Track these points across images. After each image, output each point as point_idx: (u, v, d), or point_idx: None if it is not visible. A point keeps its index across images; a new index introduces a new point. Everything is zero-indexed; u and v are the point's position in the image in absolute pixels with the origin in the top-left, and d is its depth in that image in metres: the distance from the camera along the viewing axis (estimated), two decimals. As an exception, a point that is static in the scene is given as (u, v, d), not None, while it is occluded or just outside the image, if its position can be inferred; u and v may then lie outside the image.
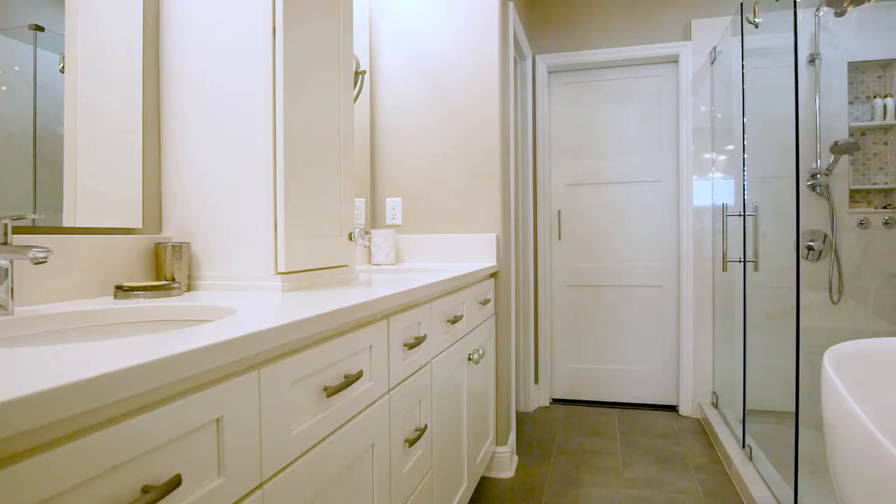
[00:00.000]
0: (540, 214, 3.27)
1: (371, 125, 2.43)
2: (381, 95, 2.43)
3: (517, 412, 3.17)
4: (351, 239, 1.51)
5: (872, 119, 2.89)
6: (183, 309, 0.99)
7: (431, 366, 1.45)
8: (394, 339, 1.20)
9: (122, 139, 1.18)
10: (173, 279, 1.21)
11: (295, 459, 0.81)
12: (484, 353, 1.96)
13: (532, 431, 2.86)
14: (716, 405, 2.97)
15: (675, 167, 3.19)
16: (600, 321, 3.30)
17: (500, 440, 2.32)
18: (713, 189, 3.04)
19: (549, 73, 3.35)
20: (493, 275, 2.30)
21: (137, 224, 1.22)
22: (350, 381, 0.95)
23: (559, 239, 3.34)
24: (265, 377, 0.74)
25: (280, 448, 0.77)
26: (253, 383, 0.72)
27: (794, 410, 1.81)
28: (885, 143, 2.90)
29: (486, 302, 2.07)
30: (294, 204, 1.25)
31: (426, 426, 1.37)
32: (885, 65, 2.90)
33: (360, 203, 2.37)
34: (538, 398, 3.27)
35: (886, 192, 2.88)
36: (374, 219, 2.46)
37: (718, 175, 3.00)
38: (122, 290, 1.08)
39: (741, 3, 2.48)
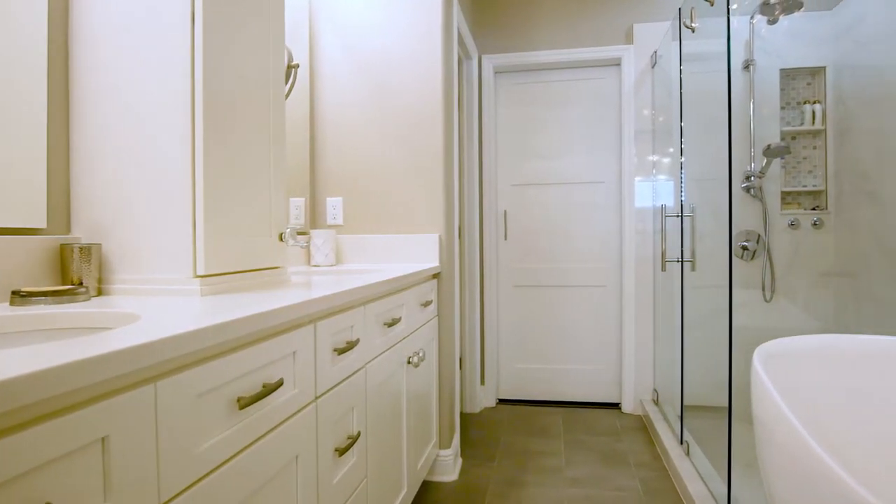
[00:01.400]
0: (486, 214, 3.27)
1: (311, 123, 2.36)
2: (321, 92, 2.36)
3: (463, 414, 3.15)
4: (282, 240, 1.45)
5: (802, 124, 3.01)
6: (83, 316, 0.91)
7: (366, 370, 1.41)
8: (322, 344, 1.15)
9: (22, 127, 1.08)
10: (80, 283, 1.12)
11: (202, 477, 0.76)
12: (425, 355, 1.92)
13: (477, 433, 2.85)
14: (657, 402, 3.03)
15: (618, 169, 3.24)
16: (546, 321, 3.32)
17: (444, 443, 2.29)
18: (654, 190, 3.10)
19: (496, 73, 3.35)
20: (436, 275, 2.27)
21: (41, 223, 1.12)
22: (269, 390, 0.90)
23: (505, 239, 3.34)
24: (163, 390, 0.68)
25: (183, 466, 0.71)
26: (147, 397, 0.66)
27: (728, 406, 1.85)
28: (814, 148, 3.02)
29: (427, 303, 2.04)
30: (217, 202, 1.18)
31: (359, 433, 1.32)
32: (813, 72, 3.02)
33: (300, 202, 2.30)
34: (484, 399, 3.26)
35: (815, 194, 3.00)
36: (315, 219, 2.39)
37: (659, 177, 3.07)
38: (18, 296, 0.99)
39: (679, 9, 2.53)
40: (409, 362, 1.80)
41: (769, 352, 1.50)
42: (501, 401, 3.37)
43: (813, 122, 2.97)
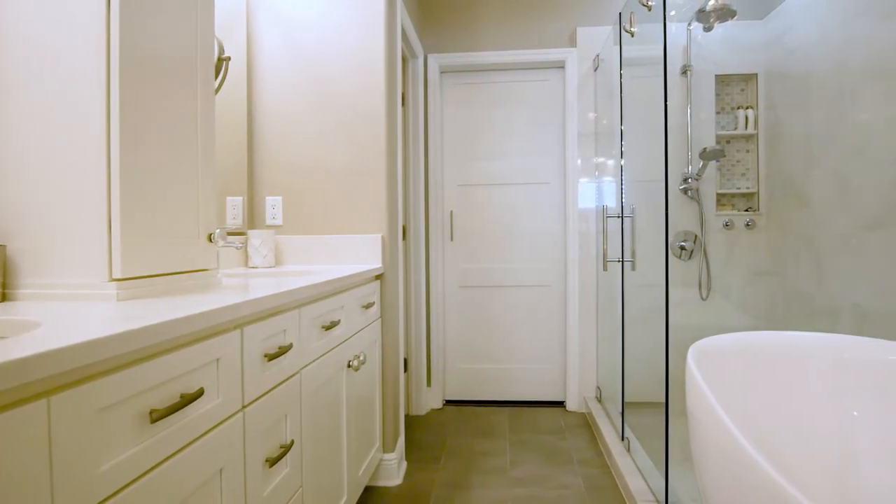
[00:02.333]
0: (432, 215, 3.24)
1: (249, 119, 2.28)
2: (261, 88, 2.28)
3: (409, 416, 3.12)
4: (211, 241, 1.38)
5: (736, 128, 3.12)
6: (-24, 324, 0.83)
7: (301, 376, 1.36)
8: (250, 349, 1.10)
9: None
10: (-20, 288, 1.03)
11: (106, 498, 0.70)
12: (366, 358, 1.88)
13: (423, 435, 2.82)
14: (600, 399, 3.09)
15: (563, 170, 3.28)
16: (492, 321, 3.33)
17: (388, 447, 2.25)
18: (598, 192, 3.15)
19: (442, 72, 3.33)
20: (379, 277, 2.23)
21: (-65, 223, 1.03)
22: (187, 400, 0.84)
23: (451, 240, 3.33)
24: (59, 406, 0.62)
25: (81, 489, 0.65)
26: (38, 414, 0.60)
27: (671, 405, 1.89)
28: (747, 151, 3.14)
29: (369, 305, 1.99)
30: (137, 201, 1.11)
31: (293, 442, 1.28)
32: (746, 78, 3.14)
33: (238, 202, 2.22)
34: (431, 400, 3.24)
35: (748, 196, 3.12)
36: (254, 218, 2.30)
37: (602, 178, 3.12)
38: None
39: (619, 13, 2.58)
40: (349, 366, 1.75)
41: (703, 349, 1.53)
42: (448, 402, 3.35)
43: (746, 127, 3.09)
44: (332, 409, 1.63)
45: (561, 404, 3.29)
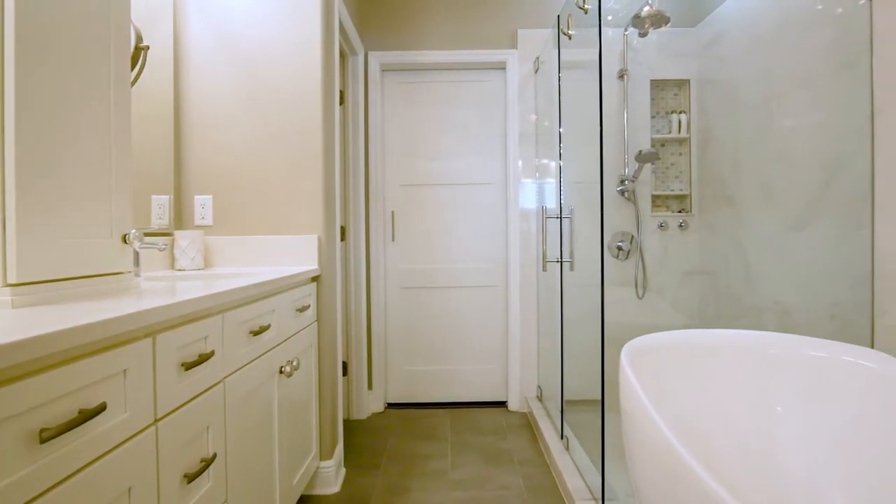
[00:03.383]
0: (372, 215, 3.19)
1: (176, 114, 2.17)
2: (189, 81, 2.17)
3: (349, 421, 3.06)
4: (126, 242, 1.29)
5: (670, 132, 3.21)
6: None
7: (225, 385, 1.29)
8: (164, 359, 1.03)
9: None
10: None
11: (-17, 530, 0.63)
12: (299, 364, 1.82)
13: (364, 440, 2.77)
14: (541, 398, 3.11)
15: (504, 171, 3.30)
16: (435, 322, 3.31)
17: (325, 454, 2.19)
18: (538, 192, 3.18)
19: (383, 71, 3.28)
20: (316, 278, 2.16)
21: None
22: (85, 417, 0.77)
23: (393, 240, 3.28)
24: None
25: (-51, 521, 0.58)
26: None
27: (607, 403, 1.91)
28: (681, 154, 3.24)
29: (304, 308, 1.93)
30: (35, 197, 1.01)
31: (215, 455, 1.21)
32: (679, 84, 3.24)
33: (164, 200, 2.10)
34: (372, 404, 3.19)
35: (681, 197, 3.22)
36: (181, 218, 2.19)
37: (543, 179, 3.15)
38: None
39: (558, 16, 2.60)
40: (281, 372, 1.69)
41: (635, 348, 1.55)
42: (391, 405, 3.30)
43: (679, 131, 3.19)
44: (263, 417, 1.56)
45: (503, 404, 3.30)
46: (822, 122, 2.05)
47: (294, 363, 1.74)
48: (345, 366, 3.06)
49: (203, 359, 1.15)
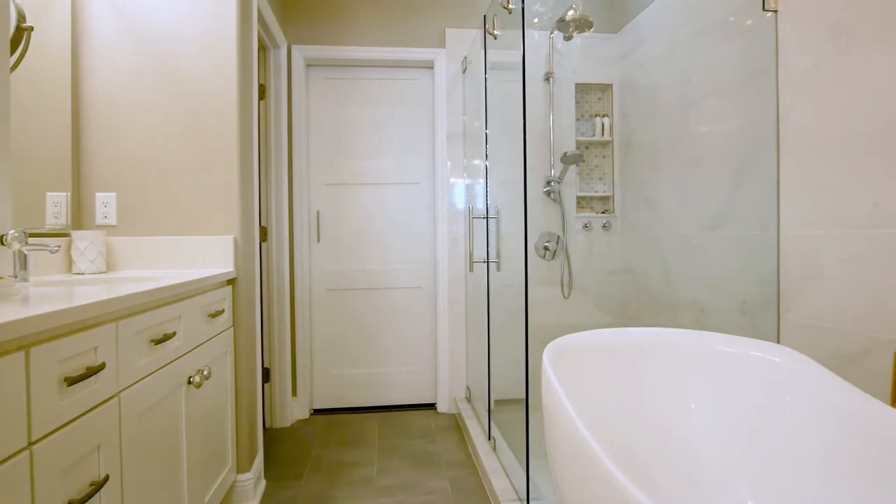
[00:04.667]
0: (296, 215, 3.08)
1: (75, 105, 2.00)
2: (90, 70, 2.01)
3: (271, 429, 2.93)
4: (3, 243, 1.16)
5: (594, 135, 3.29)
6: None
7: (120, 399, 1.18)
8: (40, 374, 0.92)
9: None
10: None
11: None
12: (211, 373, 1.71)
13: (287, 449, 2.66)
14: (469, 399, 3.10)
15: (433, 171, 3.27)
16: (363, 324, 3.23)
17: (243, 467, 2.07)
18: (467, 193, 3.17)
19: (308, 66, 3.17)
20: (231, 281, 2.05)
21: None
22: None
23: (318, 241, 3.18)
24: None
25: None
26: None
27: (532, 402, 1.91)
28: (604, 157, 3.32)
29: (218, 313, 1.82)
30: None
31: (108, 476, 1.10)
32: (603, 88, 3.32)
33: (60, 198, 1.93)
34: (297, 411, 3.07)
35: (605, 199, 3.30)
36: (81, 218, 2.02)
37: (470, 180, 3.14)
38: None
39: (484, 16, 2.60)
40: (189, 382, 1.58)
41: (557, 348, 1.55)
42: (317, 411, 3.20)
43: (603, 134, 3.27)
44: (168, 432, 1.44)
45: (433, 406, 3.27)
46: (734, 128, 2.14)
47: (205, 372, 1.63)
48: (267, 372, 2.94)
49: (91, 372, 1.04)
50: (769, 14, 1.87)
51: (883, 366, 1.43)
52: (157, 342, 1.36)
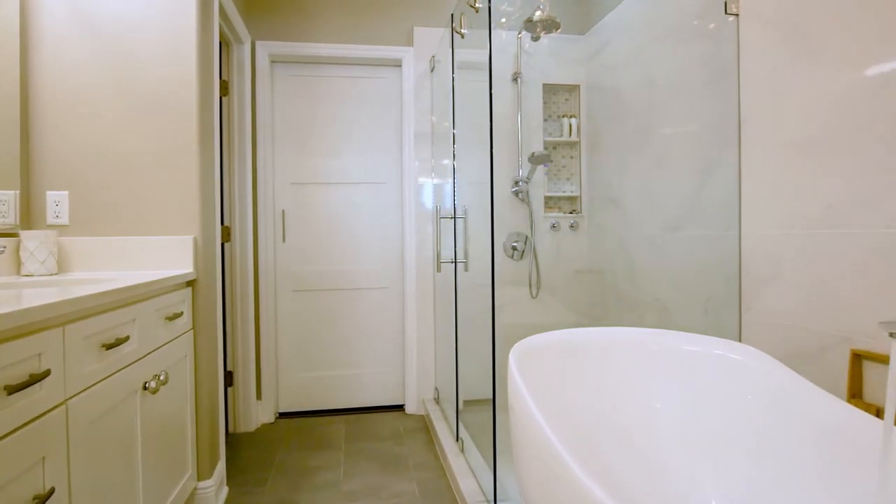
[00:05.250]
0: (261, 214, 3.01)
1: (24, 100, 1.91)
2: (41, 63, 1.92)
3: (235, 434, 2.86)
4: (-61, 244, 1.09)
5: (561, 135, 3.31)
6: None
7: (67, 408, 1.12)
8: (-23, 383, 0.87)
9: None
10: None
11: None
12: (168, 378, 1.65)
13: (251, 454, 2.60)
14: (437, 400, 3.09)
15: (400, 170, 3.24)
16: (330, 326, 3.18)
17: (203, 474, 2.01)
18: (435, 193, 3.15)
19: (273, 62, 3.11)
20: (191, 283, 1.99)
21: None
22: None
23: (284, 241, 3.12)
24: None
25: None
26: None
27: (500, 402, 1.90)
28: (571, 157, 3.35)
29: (176, 316, 1.76)
30: None
31: (53, 489, 1.04)
32: (570, 89, 3.34)
33: (8, 196, 1.84)
34: (261, 415, 3.01)
35: (572, 199, 3.32)
36: (31, 217, 1.93)
37: (438, 180, 3.13)
38: None
39: (451, 15, 2.58)
40: (145, 388, 1.52)
41: (524, 349, 1.55)
42: (282, 414, 3.14)
43: (570, 135, 3.29)
44: (122, 440, 1.39)
45: (401, 408, 3.25)
46: (697, 129, 2.17)
47: (161, 377, 1.58)
48: (230, 375, 2.87)
49: (35, 379, 0.99)
50: (731, 18, 1.90)
51: (839, 362, 1.46)
52: (109, 347, 1.31)
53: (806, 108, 1.58)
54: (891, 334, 0.91)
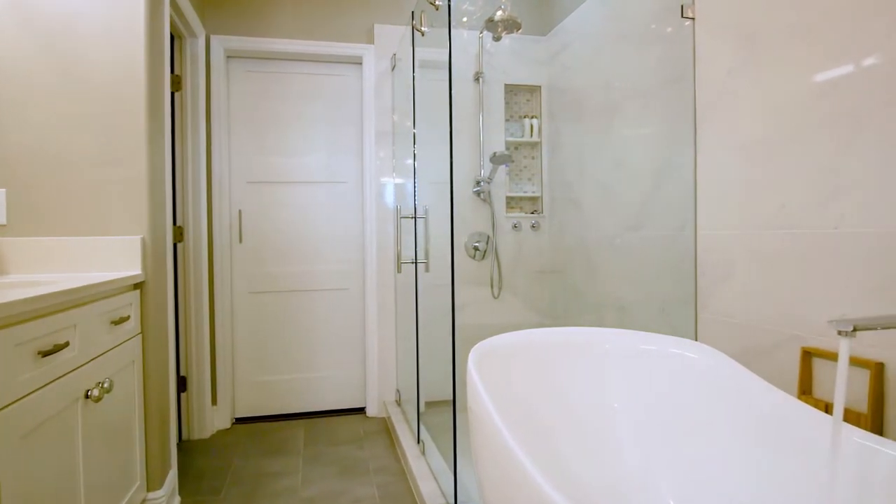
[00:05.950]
0: (216, 214, 2.92)
1: (-45, 89, 1.80)
2: (-27, 51, 1.81)
3: (189, 441, 2.77)
4: None
5: (523, 136, 3.31)
6: None
7: (-4, 420, 1.05)
8: None
9: None
10: None
11: None
12: (113, 385, 1.58)
13: (205, 462, 2.52)
14: (399, 402, 3.05)
15: (361, 169, 3.19)
16: (289, 328, 3.11)
17: (154, 484, 1.93)
18: (396, 192, 3.12)
19: (228, 57, 3.02)
20: (139, 285, 1.90)
21: None
22: None
23: (240, 241, 3.04)
24: None
25: None
26: None
27: (460, 404, 1.88)
28: (533, 158, 3.36)
29: (122, 320, 1.68)
30: None
31: (-20, 508, 0.98)
32: (531, 90, 3.36)
33: (-63, 194, 1.73)
34: (217, 421, 2.92)
35: (533, 199, 3.33)
36: (-36, 216, 1.82)
37: (399, 179, 3.09)
38: None
39: (412, 12, 2.55)
40: (87, 396, 1.44)
41: (483, 350, 1.53)
42: (239, 420, 3.06)
43: (531, 135, 3.30)
44: (61, 453, 1.31)
45: (362, 411, 3.20)
46: (654, 131, 2.20)
47: (105, 385, 1.50)
48: (184, 381, 2.77)
49: (-42, 391, 0.92)
50: (687, 22, 1.93)
51: (790, 359, 1.49)
52: (47, 354, 1.23)
53: (759, 110, 1.61)
54: (839, 332, 0.92)
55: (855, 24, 1.32)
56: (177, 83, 2.71)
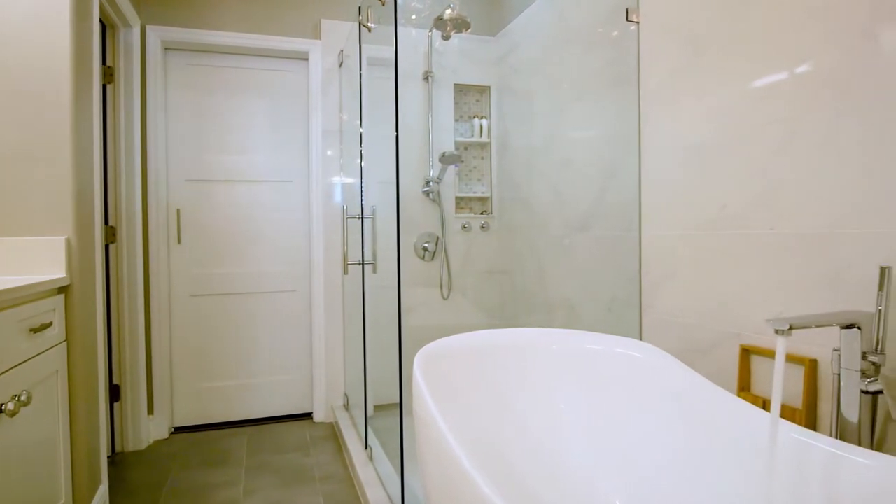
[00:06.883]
0: (152, 213, 2.78)
1: None
2: None
3: (123, 453, 2.63)
4: None
5: (472, 136, 3.30)
6: None
7: None
8: None
9: None
10: None
11: None
12: (31, 397, 1.46)
13: (140, 475, 2.39)
14: (347, 407, 2.99)
15: (307, 168, 3.11)
16: (232, 332, 3.00)
17: (80, 501, 1.81)
18: (343, 192, 3.05)
19: (166, 49, 2.89)
20: (64, 289, 1.78)
21: None
22: None
23: (179, 242, 2.90)
24: None
25: None
26: None
27: (407, 407, 1.84)
28: (482, 158, 3.35)
29: (44, 327, 1.56)
30: None
31: None
32: (481, 90, 3.35)
33: None
34: (154, 431, 2.78)
35: (483, 199, 3.33)
36: None
37: (348, 178, 3.03)
38: None
39: (359, 8, 2.50)
40: (1, 411, 1.33)
41: (429, 353, 1.50)
42: (178, 429, 2.92)
43: (481, 135, 3.29)
44: (-33, 472, 1.20)
45: (309, 416, 3.12)
46: (601, 132, 2.23)
47: (22, 397, 1.39)
48: (117, 389, 2.63)
49: None
50: (632, 26, 1.96)
51: (730, 357, 1.52)
52: (-50, 366, 1.13)
53: (701, 112, 1.64)
54: (776, 331, 0.94)
55: (790, 34, 1.35)
56: (109, 75, 2.56)
